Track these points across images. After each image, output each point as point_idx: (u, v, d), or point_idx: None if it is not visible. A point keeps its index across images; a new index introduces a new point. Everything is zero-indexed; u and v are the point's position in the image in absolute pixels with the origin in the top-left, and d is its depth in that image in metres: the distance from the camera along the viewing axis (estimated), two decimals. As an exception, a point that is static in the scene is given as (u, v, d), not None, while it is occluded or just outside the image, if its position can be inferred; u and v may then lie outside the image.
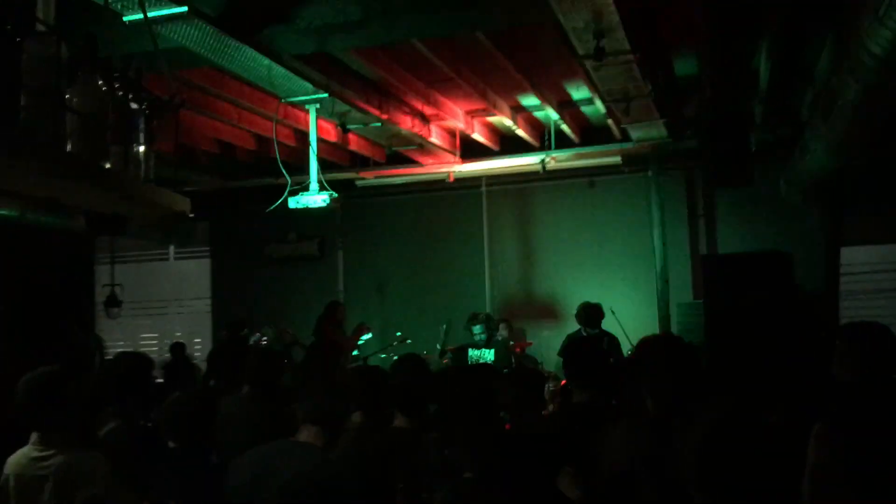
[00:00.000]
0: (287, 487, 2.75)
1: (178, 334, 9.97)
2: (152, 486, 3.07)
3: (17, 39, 2.15)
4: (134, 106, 2.66)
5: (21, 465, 3.17)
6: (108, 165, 2.47)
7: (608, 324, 7.66)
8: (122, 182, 2.41)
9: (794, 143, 6.82)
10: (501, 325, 8.50)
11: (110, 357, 6.47)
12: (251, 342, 7.83)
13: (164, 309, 10.79)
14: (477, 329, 7.62)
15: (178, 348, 8.97)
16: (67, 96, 2.38)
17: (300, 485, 2.79)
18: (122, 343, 9.51)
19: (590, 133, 8.64)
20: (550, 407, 7.31)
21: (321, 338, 7.91)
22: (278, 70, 5.37)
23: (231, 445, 3.38)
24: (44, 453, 3.16)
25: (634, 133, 7.82)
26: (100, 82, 2.46)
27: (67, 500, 3.08)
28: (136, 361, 3.97)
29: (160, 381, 4.99)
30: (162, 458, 3.23)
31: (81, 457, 3.20)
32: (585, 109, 7.95)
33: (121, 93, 2.64)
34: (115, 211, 2.81)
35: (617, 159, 8.94)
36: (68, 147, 2.27)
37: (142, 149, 2.71)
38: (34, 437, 3.21)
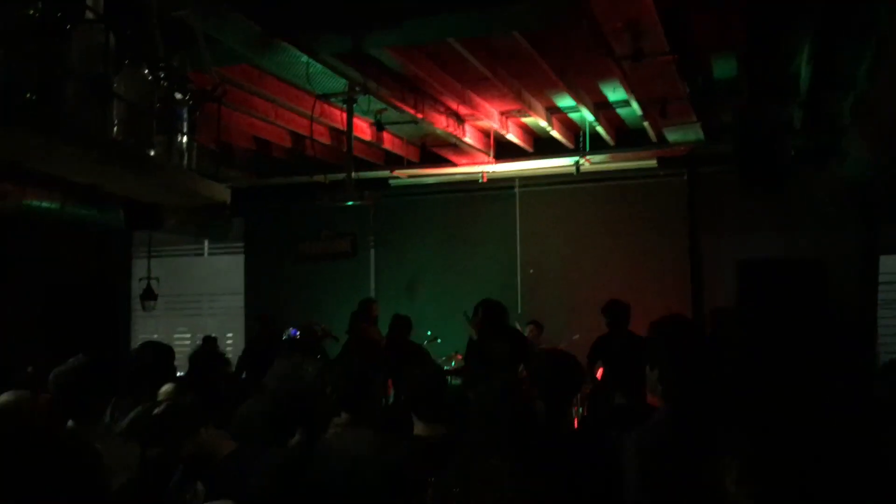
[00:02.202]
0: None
1: (211, 329, 10.08)
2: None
3: (67, 27, 2.20)
4: (178, 96, 2.71)
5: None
6: (152, 153, 2.51)
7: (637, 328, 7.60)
8: (166, 170, 2.45)
9: (832, 150, 6.71)
10: (528, 327, 8.48)
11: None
12: (284, 337, 7.89)
13: (197, 303, 10.93)
14: None
15: (208, 341, 9.09)
16: (115, 85, 2.43)
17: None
18: (156, 336, 9.63)
19: (625, 135, 8.59)
20: (580, 410, 7.30)
21: (357, 334, 7.95)
22: (315, 67, 5.43)
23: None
24: (78, 442, 3.21)
25: (670, 136, 7.77)
26: (146, 72, 2.51)
27: (102, 488, 3.13)
28: (160, 351, 4.05)
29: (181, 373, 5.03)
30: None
31: (114, 444, 3.25)
32: (621, 111, 7.90)
33: (165, 83, 2.68)
34: (157, 199, 2.86)
35: (652, 162, 8.88)
36: (114, 135, 2.32)
37: (184, 139, 2.75)
38: (69, 424, 3.27)
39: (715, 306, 8.32)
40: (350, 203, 7.43)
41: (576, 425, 5.81)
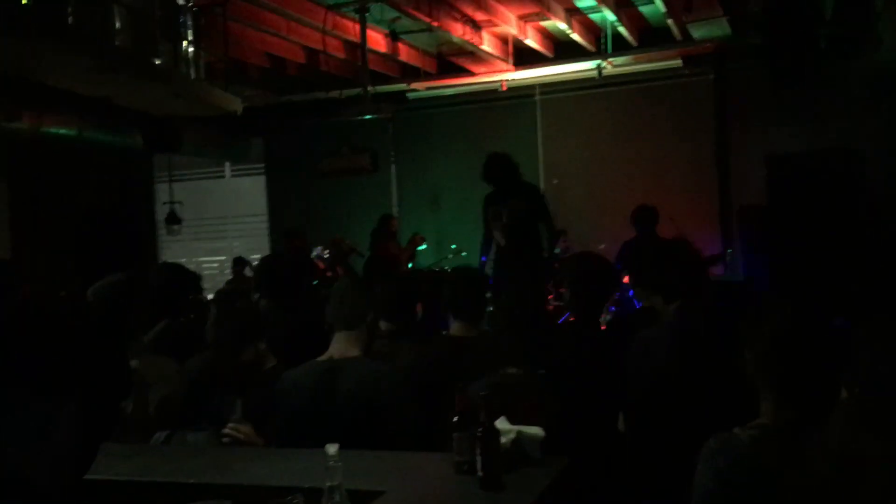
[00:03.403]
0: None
1: (238, 251, 10.13)
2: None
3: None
4: (180, 2, 2.60)
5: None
6: (157, 62, 2.43)
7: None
8: (173, 78, 2.37)
9: (864, 38, 6.44)
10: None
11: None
12: (313, 255, 7.94)
13: (222, 226, 10.97)
14: None
15: (238, 262, 9.16)
16: (114, -9, 2.33)
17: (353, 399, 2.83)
18: (183, 260, 9.70)
19: (649, 35, 8.29)
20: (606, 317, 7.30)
21: (376, 250, 7.98)
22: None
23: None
24: (116, 356, 3.25)
25: (696, 32, 7.49)
26: (145, -24, 2.41)
27: (143, 399, 3.19)
28: (176, 271, 4.09)
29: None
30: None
31: (152, 359, 3.30)
32: (644, 9, 7.61)
33: (167, -11, 2.58)
34: (168, 111, 2.79)
35: (678, 62, 8.60)
36: (117, 43, 2.23)
37: (191, 48, 2.66)
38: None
39: (743, 204, 8.19)
40: (368, 117, 7.32)
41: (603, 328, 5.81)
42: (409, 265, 8.21)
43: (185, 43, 2.48)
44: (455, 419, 2.35)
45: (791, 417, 1.95)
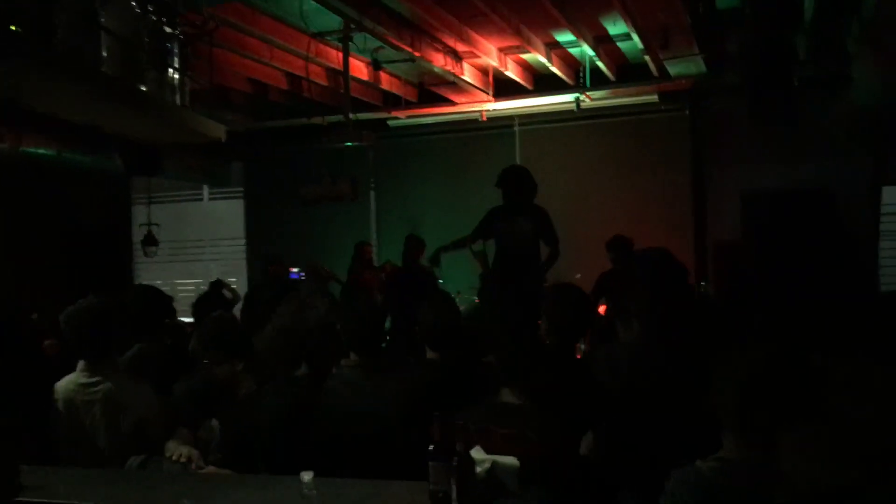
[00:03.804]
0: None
1: (214, 274, 10.08)
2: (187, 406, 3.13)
3: (52, -41, 2.13)
4: (168, 30, 2.64)
5: (70, 390, 3.27)
6: (143, 88, 2.46)
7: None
8: (158, 105, 2.40)
9: (838, 79, 6.60)
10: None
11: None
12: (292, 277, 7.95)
13: (199, 249, 10.92)
14: None
15: (216, 285, 9.10)
16: (102, 19, 2.36)
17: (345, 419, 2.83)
18: (159, 282, 9.63)
19: (626, 71, 8.44)
20: (582, 346, 7.34)
21: (349, 278, 8.03)
22: (310, 4, 5.30)
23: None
24: (91, 380, 3.25)
25: (673, 69, 7.64)
26: (133, 3, 2.44)
27: (115, 423, 3.18)
28: (152, 294, 4.10)
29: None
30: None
31: (127, 383, 3.29)
32: (622, 45, 7.75)
33: (154, 17, 2.61)
34: (152, 136, 2.81)
35: (654, 97, 8.75)
36: (104, 69, 2.26)
37: (176, 75, 2.69)
38: (81, 364, 3.30)
39: (718, 239, 8.31)
40: (349, 144, 7.36)
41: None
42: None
43: (170, 70, 2.51)
44: (431, 447, 2.36)
45: (754, 453, 1.99)
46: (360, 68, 7.82)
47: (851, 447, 2.08)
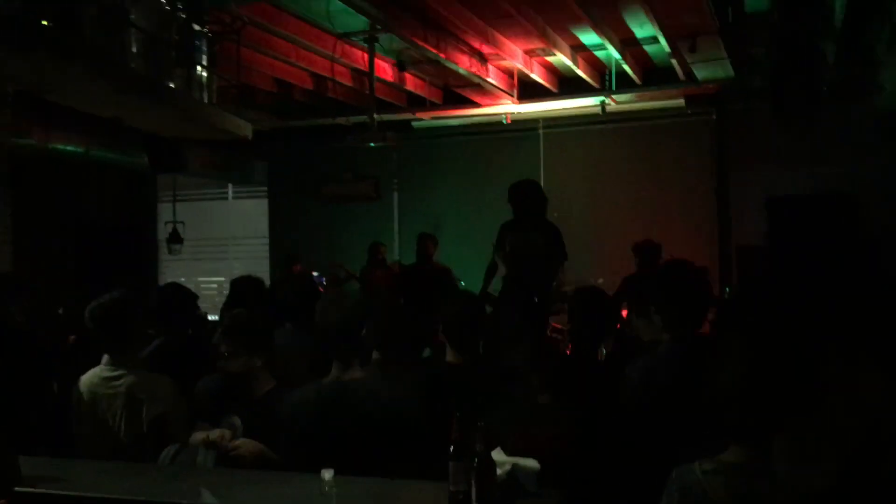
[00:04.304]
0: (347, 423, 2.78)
1: (238, 273, 10.15)
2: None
3: (82, -46, 2.15)
4: (196, 28, 2.65)
5: (93, 383, 3.30)
6: (171, 85, 2.47)
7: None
8: (186, 102, 2.41)
9: (865, 83, 6.53)
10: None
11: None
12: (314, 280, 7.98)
13: (223, 247, 11.00)
14: None
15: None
16: (131, 16, 2.38)
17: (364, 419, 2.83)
18: (182, 280, 9.72)
19: (653, 74, 8.38)
20: (604, 350, 7.30)
21: (362, 281, 8.10)
22: (336, 4, 5.32)
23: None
24: (114, 373, 3.28)
25: (699, 73, 7.58)
26: (163, 1, 2.46)
27: (137, 417, 3.20)
28: (182, 291, 4.13)
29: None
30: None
31: (149, 377, 3.31)
32: (648, 48, 7.69)
33: (183, 15, 2.63)
34: (178, 133, 2.82)
35: (680, 101, 8.69)
36: (132, 65, 2.28)
37: (204, 72, 2.71)
38: (105, 358, 3.34)
39: (741, 244, 8.23)
40: (373, 145, 7.37)
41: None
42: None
43: (198, 68, 2.53)
44: (451, 448, 2.35)
45: (748, 455, 1.98)
46: (385, 69, 7.84)
47: (836, 448, 2.07)
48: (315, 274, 8.64)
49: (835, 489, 1.94)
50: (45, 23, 1.87)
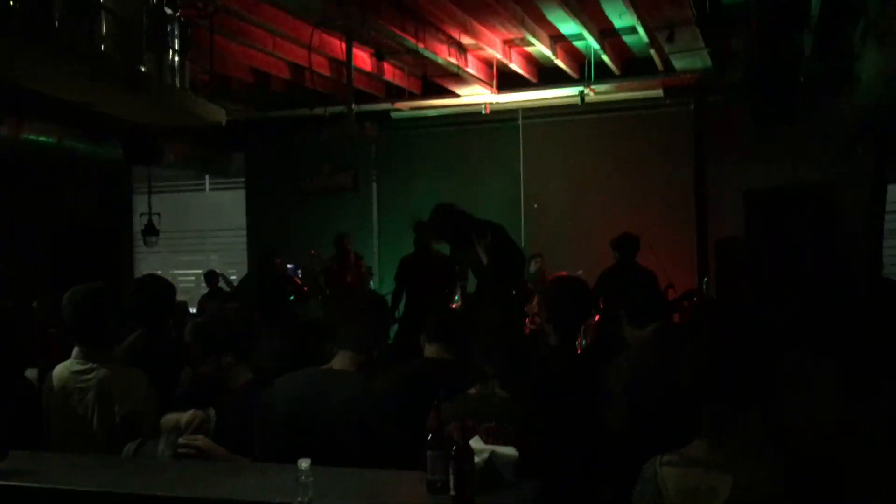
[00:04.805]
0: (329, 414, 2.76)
1: (214, 265, 10.08)
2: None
3: (50, -63, 2.10)
4: (168, 12, 2.61)
5: (64, 377, 3.24)
6: (143, 70, 2.43)
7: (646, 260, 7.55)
8: (158, 87, 2.37)
9: (843, 77, 6.56)
10: (532, 261, 8.45)
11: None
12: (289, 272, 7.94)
13: (200, 239, 10.91)
14: None
15: (211, 276, 9.13)
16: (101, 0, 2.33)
17: (342, 411, 2.81)
18: (159, 272, 9.63)
19: (631, 64, 8.40)
20: (583, 342, 7.31)
21: (326, 276, 8.10)
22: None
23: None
24: (85, 366, 3.23)
25: (678, 63, 7.61)
26: (134, -16, 2.41)
27: (109, 411, 3.16)
28: (160, 283, 4.07)
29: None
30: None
31: (121, 371, 3.26)
32: (627, 39, 7.71)
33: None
34: (151, 120, 2.78)
35: (659, 92, 8.72)
36: (103, 49, 2.23)
37: (176, 58, 2.66)
38: (76, 351, 3.28)
39: (720, 237, 8.28)
40: (351, 137, 7.33)
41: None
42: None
43: (170, 52, 2.49)
44: (429, 437, 2.34)
45: (707, 449, 2.01)
46: (363, 59, 7.78)
47: (785, 446, 2.10)
48: (290, 266, 8.59)
49: (783, 488, 1.96)
50: (11, 3, 1.83)
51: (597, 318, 7.22)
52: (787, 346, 2.93)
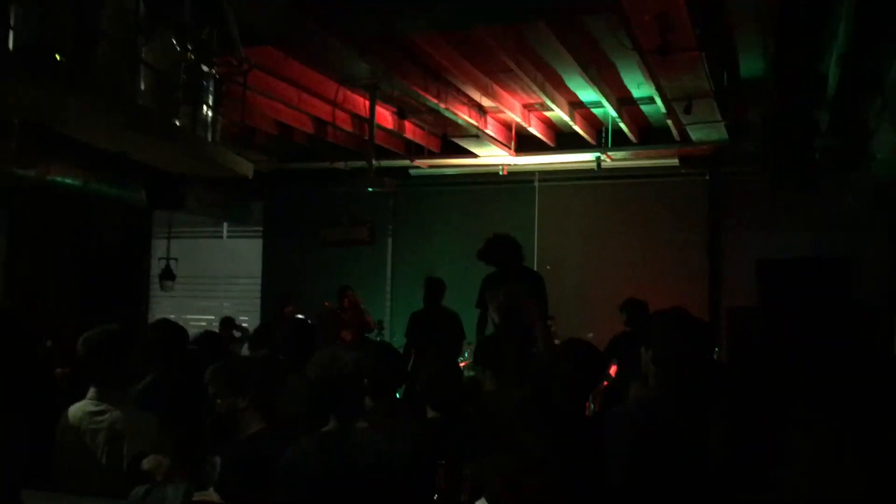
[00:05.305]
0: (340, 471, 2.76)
1: (227, 309, 10.13)
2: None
3: (99, -9, 2.21)
4: (204, 69, 2.71)
5: (78, 417, 3.26)
6: (177, 123, 2.52)
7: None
8: (190, 140, 2.45)
9: (858, 152, 6.63)
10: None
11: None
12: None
13: (214, 286, 10.99)
14: None
15: (226, 323, 9.17)
16: (142, 54, 2.43)
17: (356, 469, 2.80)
18: (172, 316, 9.68)
19: (648, 133, 8.54)
20: (592, 406, 7.26)
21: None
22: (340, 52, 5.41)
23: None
24: (100, 408, 3.24)
25: (694, 134, 7.71)
26: (174, 41, 2.51)
27: (118, 453, 3.17)
28: (173, 328, 4.11)
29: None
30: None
31: (133, 414, 3.28)
32: (645, 108, 7.85)
33: (192, 56, 2.69)
34: (182, 169, 2.86)
35: (675, 161, 8.82)
36: (141, 101, 2.32)
37: (209, 112, 2.76)
38: (92, 391, 3.30)
39: (732, 306, 8.25)
40: (371, 189, 7.44)
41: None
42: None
43: (204, 107, 2.59)
44: (435, 497, 2.35)
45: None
46: (385, 116, 7.94)
47: None
48: (299, 317, 8.62)
49: None
50: (58, 56, 1.92)
51: (605, 383, 7.20)
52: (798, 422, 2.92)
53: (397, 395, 3.92)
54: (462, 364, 6.90)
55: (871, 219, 7.63)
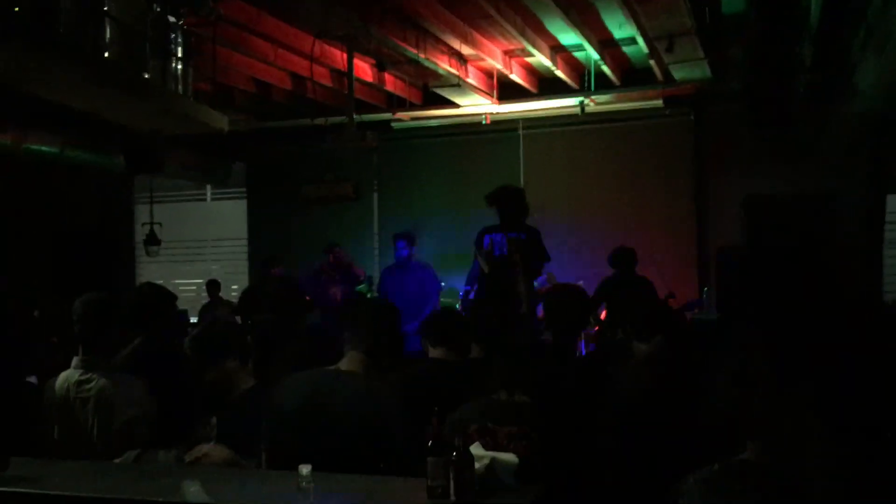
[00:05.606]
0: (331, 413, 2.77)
1: (215, 274, 10.09)
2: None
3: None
4: (171, 20, 2.63)
5: (65, 387, 3.25)
6: (146, 76, 2.45)
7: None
8: (161, 93, 2.39)
9: (842, 86, 6.59)
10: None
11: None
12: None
13: (201, 249, 10.92)
14: None
15: (213, 286, 9.15)
16: (106, 6, 2.36)
17: (347, 410, 2.81)
18: (160, 281, 9.64)
19: (631, 75, 8.44)
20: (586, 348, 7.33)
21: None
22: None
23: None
24: (86, 376, 3.23)
25: (677, 74, 7.64)
26: (138, -8, 2.44)
27: (108, 420, 3.16)
28: (158, 292, 4.08)
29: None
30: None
31: (121, 380, 3.27)
32: (627, 50, 7.75)
33: (158, 7, 2.61)
34: (154, 126, 2.80)
35: (658, 102, 8.75)
36: (107, 56, 2.25)
37: (179, 66, 2.69)
38: (76, 360, 3.28)
39: (720, 244, 8.28)
40: (352, 145, 7.35)
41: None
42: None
43: (173, 60, 2.52)
44: (430, 443, 2.35)
45: (773, 456, 1.96)
46: (364, 70, 7.82)
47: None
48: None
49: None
50: (16, 9, 1.85)
51: (597, 328, 7.25)
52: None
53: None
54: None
55: (854, 153, 7.62)
